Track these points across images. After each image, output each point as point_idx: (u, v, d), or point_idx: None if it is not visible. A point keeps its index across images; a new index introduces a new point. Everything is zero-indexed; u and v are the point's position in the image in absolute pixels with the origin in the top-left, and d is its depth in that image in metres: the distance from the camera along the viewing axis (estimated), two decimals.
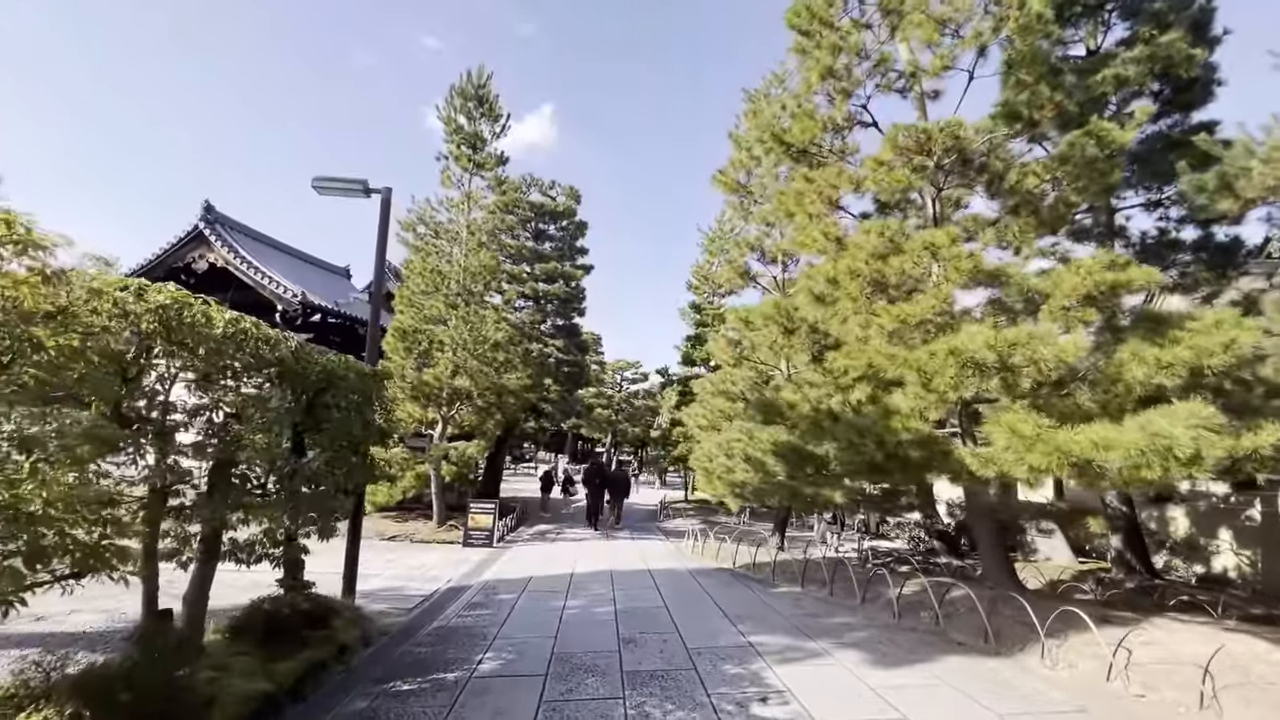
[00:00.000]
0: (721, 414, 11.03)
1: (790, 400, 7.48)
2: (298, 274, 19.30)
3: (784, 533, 12.14)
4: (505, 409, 15.88)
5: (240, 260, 17.27)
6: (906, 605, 7.06)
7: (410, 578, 9.76)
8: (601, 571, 10.27)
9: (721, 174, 12.69)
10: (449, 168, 16.29)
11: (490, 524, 13.54)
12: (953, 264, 5.61)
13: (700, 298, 25.33)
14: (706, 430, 11.95)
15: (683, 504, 25.56)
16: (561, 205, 23.83)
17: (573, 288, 23.04)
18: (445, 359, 14.06)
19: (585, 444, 52.66)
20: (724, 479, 10.91)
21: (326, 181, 7.60)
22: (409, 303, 14.99)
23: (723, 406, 10.99)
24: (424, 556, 11.83)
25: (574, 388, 23.63)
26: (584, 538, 15.36)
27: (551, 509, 22.11)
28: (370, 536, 13.81)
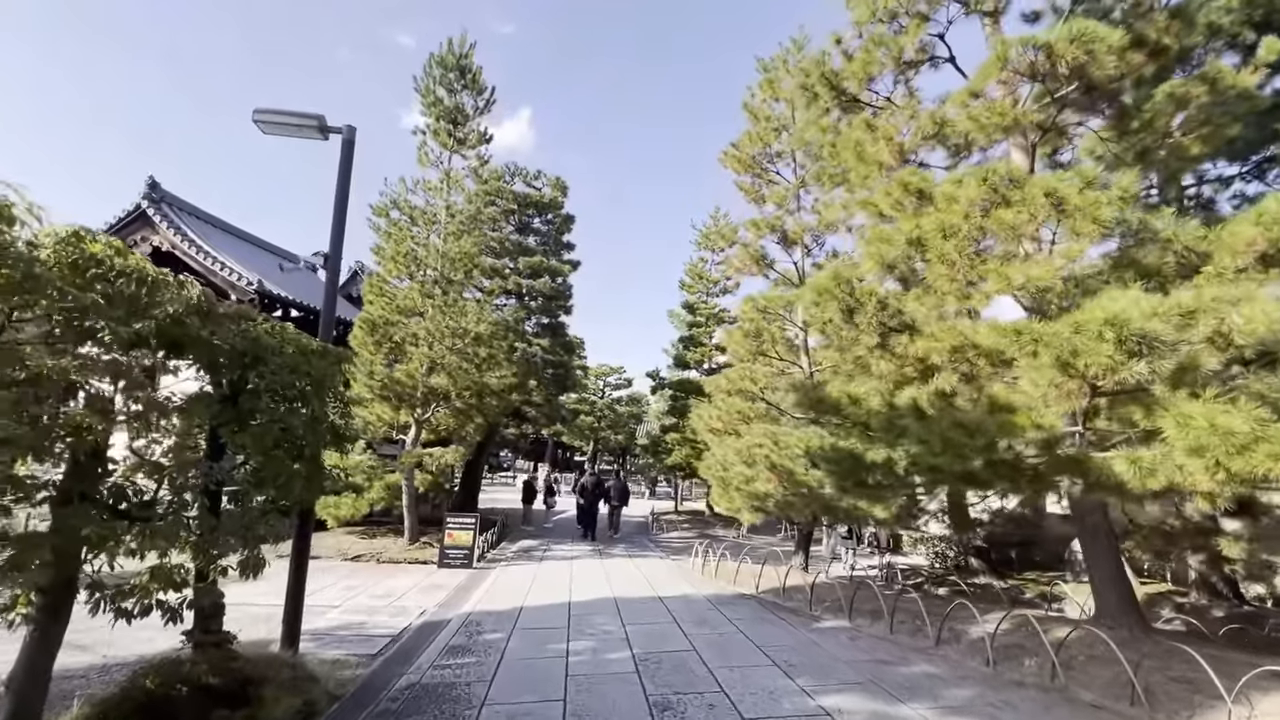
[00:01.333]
0: (739, 415, 9.66)
1: (851, 394, 6.14)
2: (259, 264, 17.44)
3: (808, 551, 10.77)
4: (487, 411, 14.26)
5: (188, 244, 15.38)
6: (998, 648, 5.69)
7: (375, 610, 8.10)
8: (604, 600, 8.74)
9: (735, 147, 11.38)
10: (426, 145, 14.71)
11: (470, 541, 11.90)
12: (1090, 212, 4.33)
13: (694, 296, 24.08)
14: (720, 434, 10.57)
15: (674, 515, 24.10)
16: (547, 197, 22.34)
17: (558, 284, 21.50)
18: (420, 354, 12.42)
19: (566, 452, 50.84)
20: (743, 490, 9.51)
21: (272, 116, 6.03)
22: (379, 291, 13.31)
23: (740, 407, 9.63)
24: (393, 581, 10.15)
25: (559, 391, 22.05)
26: (575, 554, 13.78)
27: (534, 521, 20.45)
28: (331, 556, 12.06)
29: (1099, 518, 6.00)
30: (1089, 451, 4.45)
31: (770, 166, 11.56)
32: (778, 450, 9.12)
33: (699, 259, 24.02)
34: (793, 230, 10.40)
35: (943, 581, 10.71)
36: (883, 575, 12.57)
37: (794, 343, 11.33)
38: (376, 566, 11.62)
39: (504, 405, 14.59)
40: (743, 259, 11.36)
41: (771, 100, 11.73)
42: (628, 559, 13.29)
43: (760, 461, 9.36)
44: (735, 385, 9.99)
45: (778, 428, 9.32)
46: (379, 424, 13.62)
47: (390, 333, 12.93)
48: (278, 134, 6.18)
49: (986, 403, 4.75)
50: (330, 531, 14.46)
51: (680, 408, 22.79)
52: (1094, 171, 4.56)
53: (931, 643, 6.17)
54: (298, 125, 6.09)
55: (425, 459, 12.64)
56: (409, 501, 13.31)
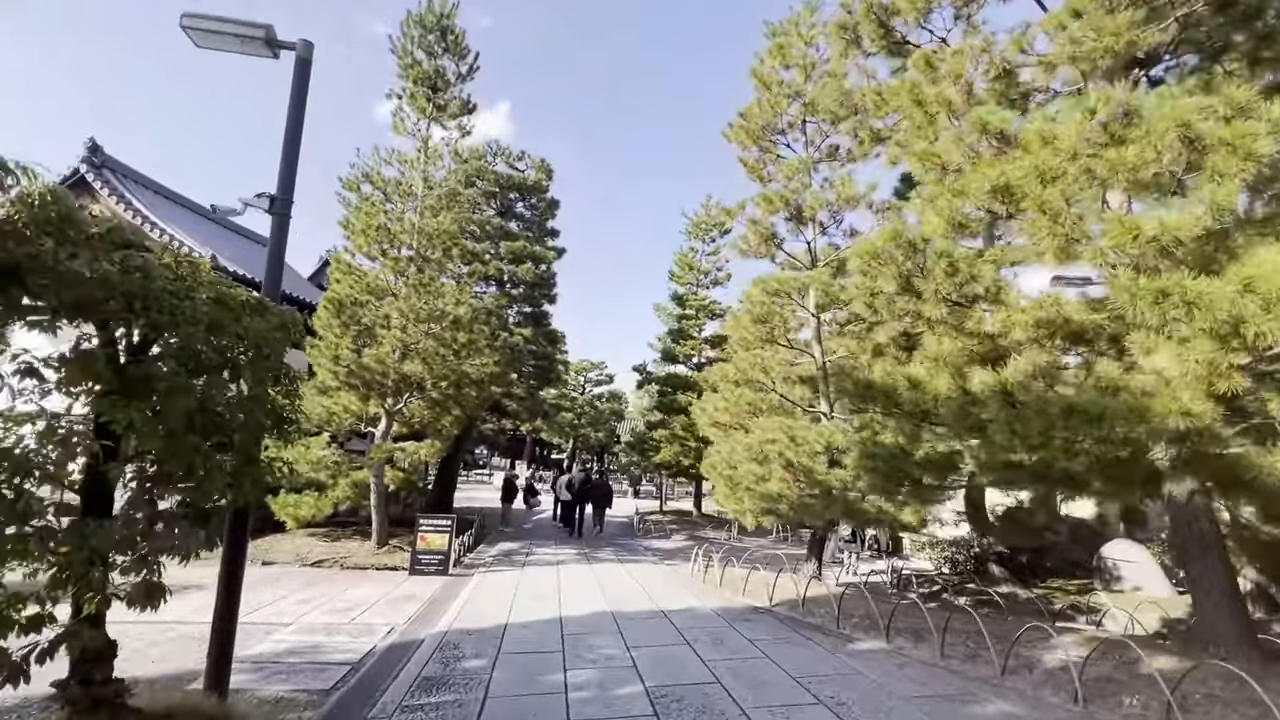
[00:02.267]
0: (749, 408, 8.70)
1: (911, 377, 5.18)
2: (217, 241, 15.95)
3: (821, 557, 9.86)
4: (465, 403, 13.07)
5: (132, 214, 13.86)
6: (1084, 679, 4.80)
7: (334, 628, 6.93)
8: (600, 614, 7.70)
9: (743, 118, 10.40)
10: (402, 111, 13.46)
11: (445, 545, 10.73)
12: (1243, 147, 3.45)
13: (683, 288, 23.11)
14: (726, 429, 9.60)
15: (659, 516, 23.12)
16: (531, 179, 21.17)
17: (542, 271, 20.36)
18: (391, 337, 11.20)
19: (544, 450, 49.53)
20: (754, 491, 8.54)
21: (207, 23, 4.84)
22: (346, 269, 12.04)
23: (751, 399, 8.67)
24: (357, 591, 8.96)
25: (542, 384, 20.91)
26: (561, 558, 12.69)
27: (514, 521, 19.30)
28: (288, 562, 10.79)
29: (1206, 525, 5.15)
30: (1244, 445, 3.59)
31: (779, 139, 10.61)
32: (794, 447, 8.18)
33: (689, 249, 23.08)
34: (808, 205, 9.46)
35: (962, 590, 9.91)
36: (893, 582, 11.75)
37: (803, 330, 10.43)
38: (339, 574, 10.39)
39: (483, 397, 13.43)
40: (750, 238, 10.39)
41: (781, 67, 10.80)
42: (618, 564, 12.24)
43: (774, 459, 8.41)
44: (745, 374, 9.02)
45: (793, 421, 8.38)
46: (345, 415, 12.35)
47: (359, 315, 11.68)
48: (215, 47, 4.99)
49: (1103, 386, 3.86)
50: (290, 534, 13.14)
51: (668, 403, 21.83)
52: (1246, 95, 3.69)
53: (996, 672, 5.26)
54: (239, 37, 4.91)
55: (396, 454, 11.42)
56: (377, 501, 12.08)
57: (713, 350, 21.73)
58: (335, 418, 11.64)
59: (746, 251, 11.16)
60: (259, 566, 10.48)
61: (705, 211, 22.80)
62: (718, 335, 22.68)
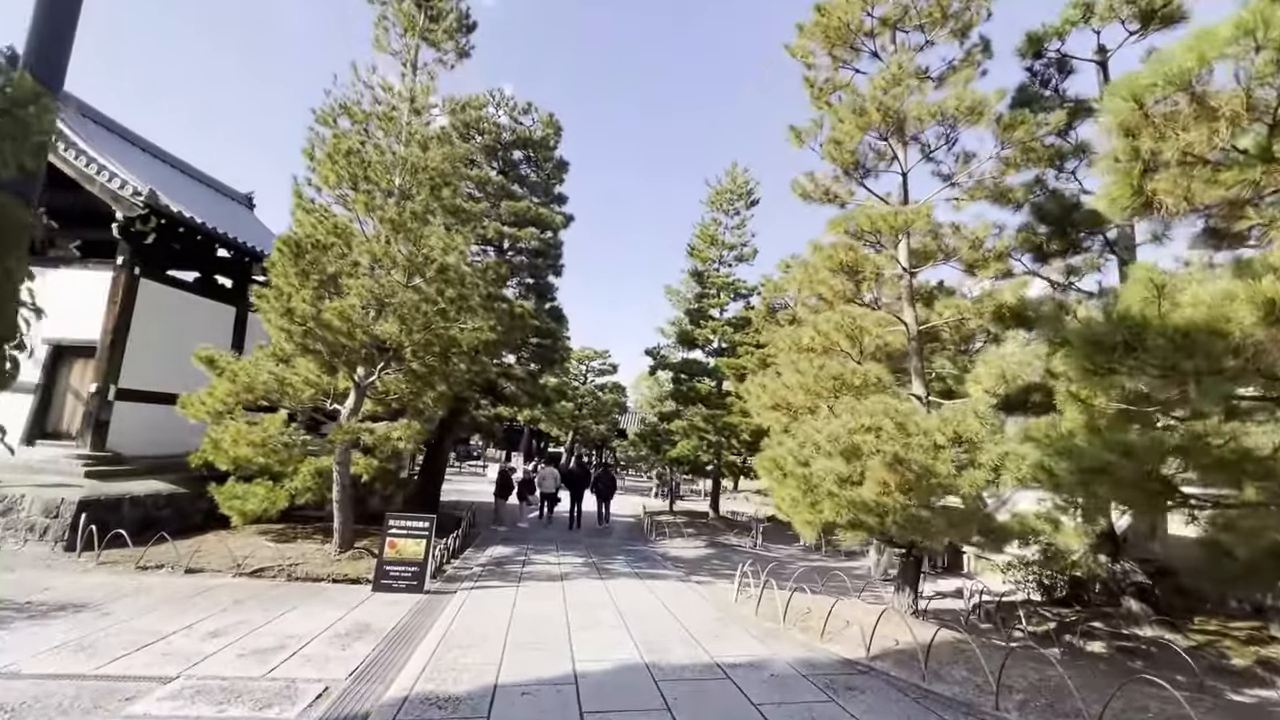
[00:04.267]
0: (834, 384, 6.34)
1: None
2: (160, 179, 13.54)
3: (918, 586, 7.48)
4: (453, 377, 10.73)
5: (61, 143, 11.43)
6: None
7: (235, 691, 4.60)
8: (631, 669, 5.38)
9: (821, 13, 7.99)
10: (385, 20, 11.06)
11: (421, 554, 8.41)
12: None
13: (704, 264, 20.74)
14: (793, 414, 7.29)
15: (669, 516, 20.83)
16: (537, 134, 18.74)
17: (548, 238, 17.95)
18: (360, 286, 8.83)
19: (542, 442, 47.19)
20: (838, 496, 6.20)
21: None
22: (308, 207, 9.67)
23: (836, 372, 6.32)
24: (295, 618, 6.63)
25: (544, 366, 18.54)
26: (564, 569, 10.37)
27: (508, 518, 16.97)
28: (220, 569, 8.46)
29: None
30: None
31: (864, 45, 8.26)
32: (904, 438, 5.86)
33: (710, 220, 20.67)
34: (913, 116, 7.10)
35: (1091, 631, 7.61)
36: (979, 613, 9.47)
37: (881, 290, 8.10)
38: (283, 588, 8.04)
39: (476, 372, 11.07)
40: (814, 181, 8.03)
41: None
42: (636, 579, 9.92)
43: (871, 454, 6.09)
44: (827, 340, 6.70)
45: (899, 403, 6.06)
46: (304, 388, 9.99)
47: (322, 262, 9.30)
48: None
49: None
50: (236, 531, 10.82)
51: (685, 391, 19.49)
52: None
53: None
54: None
55: (363, 435, 9.06)
56: (340, 494, 9.73)
57: (738, 333, 19.38)
58: (291, 390, 9.26)
59: (810, 194, 8.81)
60: (179, 576, 8.15)
61: (730, 180, 20.41)
62: (742, 317, 20.35)
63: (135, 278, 11.63)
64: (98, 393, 11.00)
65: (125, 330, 11.45)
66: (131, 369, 11.59)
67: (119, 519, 9.73)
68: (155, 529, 10.31)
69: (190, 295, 13.34)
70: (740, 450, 18.42)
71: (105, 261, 11.65)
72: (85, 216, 11.78)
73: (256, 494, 10.36)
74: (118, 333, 11.31)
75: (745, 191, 20.23)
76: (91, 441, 10.90)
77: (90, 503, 9.23)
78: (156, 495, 10.64)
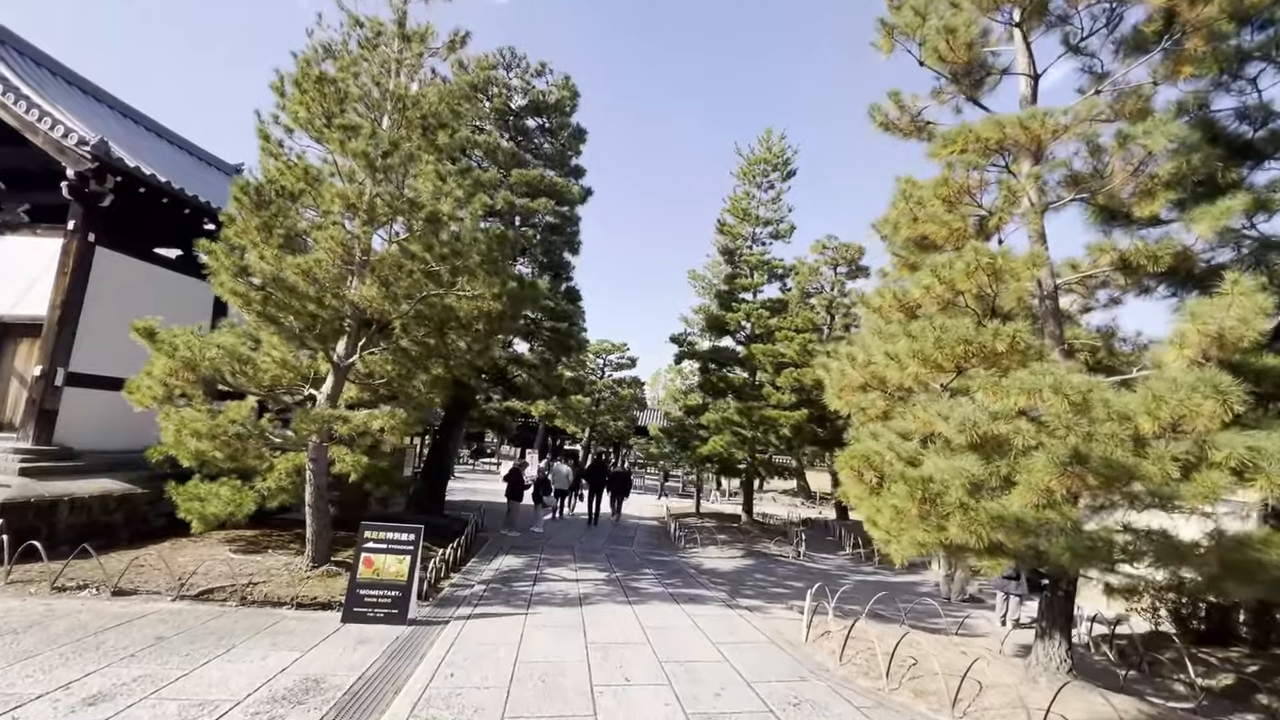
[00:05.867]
0: (962, 352, 4.44)
1: None
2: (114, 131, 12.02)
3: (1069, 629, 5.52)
4: (452, 358, 8.99)
5: (3, 89, 9.91)
6: None
7: None
8: None
9: None
10: None
11: (405, 573, 6.67)
12: None
13: (735, 240, 18.81)
14: (887, 396, 5.43)
15: (696, 519, 18.99)
16: (552, 98, 16.96)
17: (563, 211, 16.17)
18: (331, 237, 7.12)
19: (557, 439, 45.57)
20: (974, 513, 4.32)
21: None
22: (276, 149, 7.99)
23: (962, 334, 4.42)
24: (221, 670, 4.91)
25: (559, 354, 16.75)
26: (583, 587, 8.59)
27: (521, 523, 15.24)
28: (156, 592, 6.82)
29: None
30: None
31: None
32: (1084, 424, 3.97)
33: (743, 193, 18.71)
34: None
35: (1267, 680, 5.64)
36: (1107, 651, 7.49)
37: None
38: (229, 616, 6.35)
39: (479, 352, 9.31)
40: (946, 54, 5.95)
41: None
42: (673, 604, 8.11)
43: (1028, 449, 4.21)
44: (950, 288, 4.75)
45: (1072, 375, 4.15)
46: (272, 367, 8.34)
47: (290, 215, 7.59)
48: None
49: None
50: (196, 539, 9.22)
51: (714, 382, 17.59)
52: None
53: None
54: None
55: (338, 426, 7.34)
56: (314, 497, 8.06)
57: (773, 317, 17.42)
58: (249, 370, 7.58)
59: (893, 123, 6.89)
60: (103, 599, 6.51)
61: (765, 147, 18.43)
62: (778, 300, 18.39)
63: (89, 245, 10.06)
64: (42, 376, 9.45)
65: (77, 305, 9.89)
66: (87, 351, 10.04)
67: (53, 526, 8.16)
68: (102, 537, 8.76)
69: (162, 270, 11.75)
70: (778, 447, 16.50)
71: (57, 227, 10.12)
72: (39, 177, 10.30)
73: (220, 495, 8.71)
74: (67, 308, 9.75)
75: (782, 161, 18.24)
76: (34, 433, 9.35)
77: (13, 506, 7.64)
78: (105, 497, 9.05)
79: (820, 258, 21.54)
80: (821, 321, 21.17)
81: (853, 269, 21.77)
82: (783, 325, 17.03)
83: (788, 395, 16.33)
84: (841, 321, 21.65)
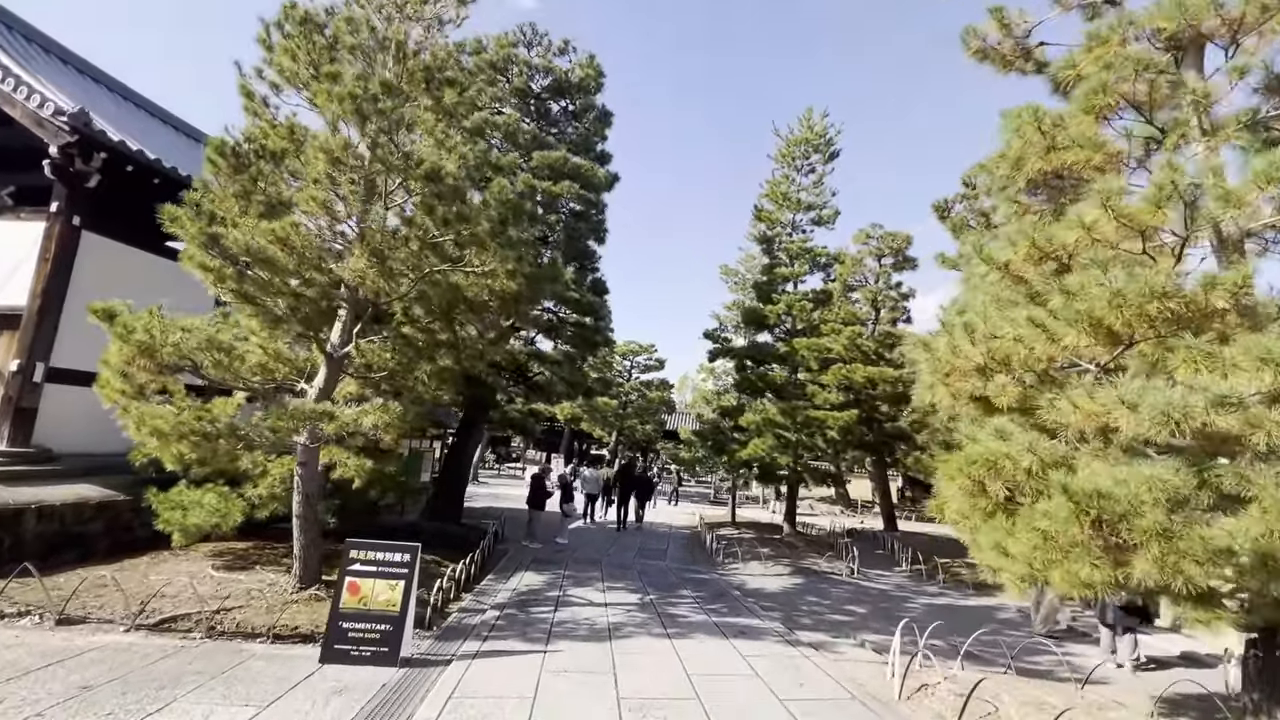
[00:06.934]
0: (1153, 312, 3.10)
1: None
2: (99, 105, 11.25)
3: None
4: (461, 348, 7.82)
5: None
6: None
7: None
8: None
9: None
10: None
11: (397, 602, 5.48)
12: None
13: (773, 227, 17.40)
14: (1019, 382, 4.04)
15: (731, 529, 17.57)
16: (575, 77, 15.84)
17: (588, 197, 15.00)
18: (314, 197, 6.01)
19: (583, 444, 44.47)
20: (1171, 541, 2.88)
21: None
22: (259, 107, 6.97)
23: (1156, 288, 3.07)
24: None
25: (585, 350, 15.54)
26: (613, 614, 7.31)
27: (543, 533, 14.03)
28: (109, 621, 5.74)
29: None
30: None
31: None
32: None
33: (782, 176, 17.30)
34: None
35: None
36: None
37: None
38: (187, 654, 5.24)
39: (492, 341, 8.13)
40: None
41: None
42: (719, 637, 6.77)
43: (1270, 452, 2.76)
44: (1116, 231, 3.36)
45: None
46: (261, 357, 7.30)
47: (273, 179, 6.53)
48: None
49: None
50: (180, 552, 8.24)
51: (753, 380, 16.16)
52: None
53: None
54: None
55: (323, 424, 6.21)
56: (303, 507, 6.96)
57: (817, 309, 15.95)
58: (222, 359, 6.51)
59: (993, 50, 5.55)
60: (45, 628, 5.46)
61: (805, 127, 17.00)
62: (823, 291, 16.91)
63: (74, 229, 9.21)
64: (19, 372, 8.59)
65: (60, 295, 9.04)
66: (72, 345, 9.16)
67: (18, 537, 7.22)
68: (75, 549, 7.84)
69: (160, 260, 10.83)
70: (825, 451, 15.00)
71: (40, 210, 9.30)
72: (24, 156, 9.52)
73: (204, 504, 7.73)
74: (49, 297, 8.91)
75: (824, 141, 16.78)
76: (9, 434, 8.49)
77: None
78: (81, 504, 8.11)
79: (864, 248, 19.96)
80: (865, 316, 19.61)
81: (899, 259, 20.13)
82: (828, 318, 15.55)
83: (835, 394, 14.84)
84: (888, 316, 20.02)
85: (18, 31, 10.79)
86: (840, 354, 14.87)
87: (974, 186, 14.03)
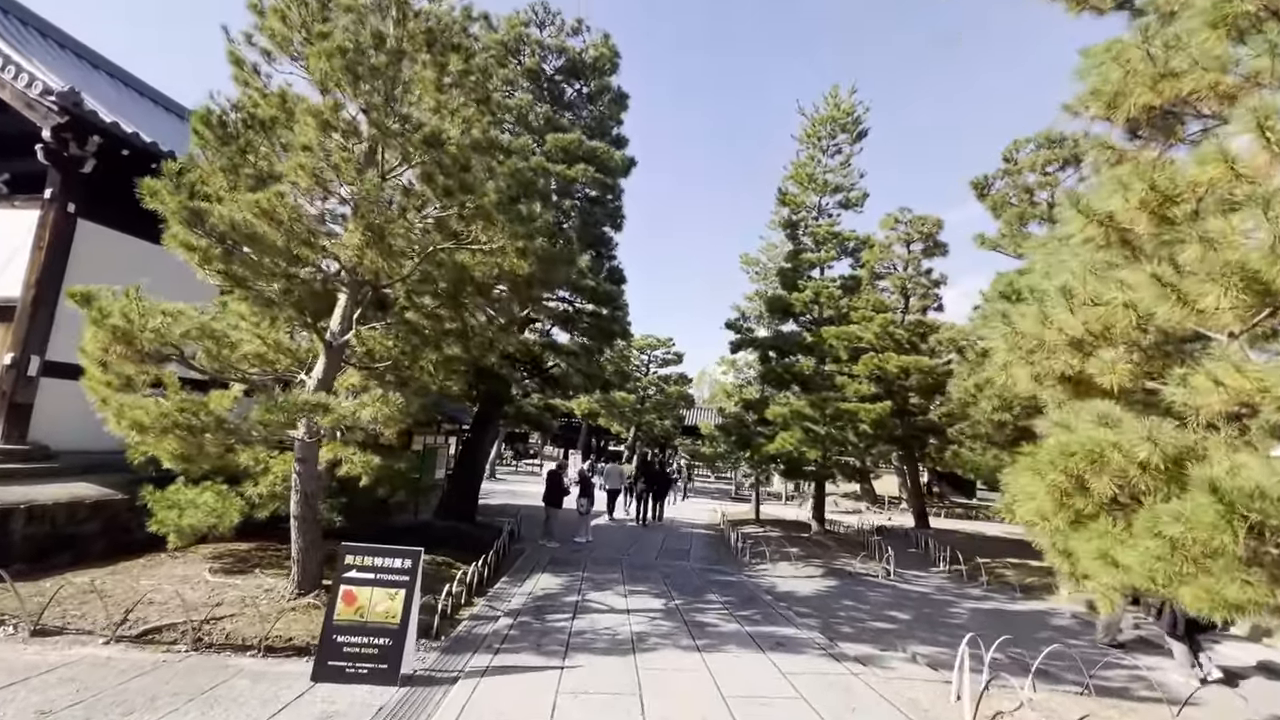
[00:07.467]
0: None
1: None
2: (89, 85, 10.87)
3: None
4: (470, 336, 7.25)
5: None
6: None
7: None
8: None
9: None
10: None
11: (398, 612, 4.92)
12: None
13: (798, 211, 16.61)
14: (1133, 355, 3.36)
15: (755, 526, 16.89)
16: (590, 57, 15.21)
17: (604, 181, 14.36)
18: (301, 164, 5.46)
19: (601, 440, 43.96)
20: None
21: None
22: (249, 76, 6.44)
23: None
24: None
25: (602, 342, 14.93)
26: (636, 623, 6.71)
27: (560, 532, 13.48)
28: (88, 631, 5.24)
29: None
30: None
31: None
32: None
33: (807, 157, 16.49)
34: None
35: None
36: None
37: None
38: (167, 670, 4.73)
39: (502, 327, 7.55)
40: None
41: None
42: (754, 650, 6.13)
43: None
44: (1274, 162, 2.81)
45: None
46: (259, 347, 6.81)
47: (262, 150, 5.99)
48: None
49: None
50: (176, 554, 7.80)
51: (778, 372, 15.43)
52: None
53: None
54: None
55: (318, 416, 5.66)
56: (301, 507, 6.45)
57: (846, 296, 15.16)
58: (210, 347, 6.00)
59: None
60: (19, 639, 5.00)
61: (832, 105, 16.17)
62: (852, 277, 16.10)
63: (69, 216, 8.82)
64: (13, 365, 8.22)
65: (55, 285, 8.64)
66: (69, 338, 8.70)
67: (5, 539, 6.82)
68: (68, 551, 7.44)
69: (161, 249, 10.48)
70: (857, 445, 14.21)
71: (34, 198, 8.93)
72: (19, 142, 9.16)
73: (201, 504, 7.28)
74: (43, 288, 8.52)
75: (852, 120, 15.94)
76: (3, 430, 8.13)
77: None
78: (75, 504, 7.69)
79: (892, 234, 19.04)
80: (895, 304, 18.73)
81: (929, 245, 19.19)
82: (857, 305, 14.76)
83: (866, 385, 14.05)
84: (919, 304, 19.10)
85: (13, 15, 10.45)
86: (871, 343, 14.09)
87: (1015, 161, 13.14)
